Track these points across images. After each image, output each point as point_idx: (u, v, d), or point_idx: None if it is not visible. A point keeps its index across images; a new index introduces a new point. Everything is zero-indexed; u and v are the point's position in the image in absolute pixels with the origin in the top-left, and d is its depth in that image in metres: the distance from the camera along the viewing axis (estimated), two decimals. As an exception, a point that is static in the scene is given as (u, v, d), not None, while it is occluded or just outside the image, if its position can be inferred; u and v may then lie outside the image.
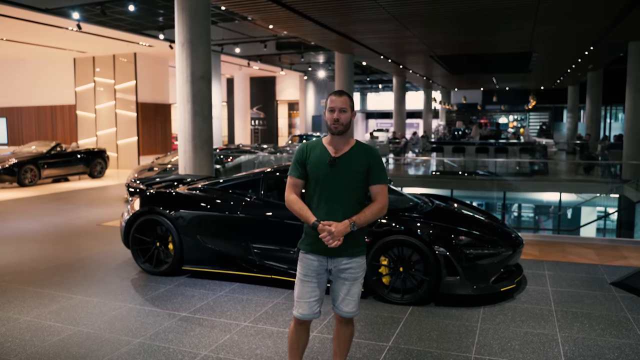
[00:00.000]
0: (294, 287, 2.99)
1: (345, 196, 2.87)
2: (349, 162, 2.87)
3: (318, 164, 2.88)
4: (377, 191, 2.91)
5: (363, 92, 44.98)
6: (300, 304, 2.92)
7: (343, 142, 2.90)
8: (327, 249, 2.84)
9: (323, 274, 2.92)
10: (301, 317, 2.92)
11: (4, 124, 20.72)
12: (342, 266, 2.89)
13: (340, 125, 2.85)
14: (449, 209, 5.66)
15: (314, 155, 2.91)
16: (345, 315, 2.94)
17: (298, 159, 2.94)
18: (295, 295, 2.95)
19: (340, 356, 3.05)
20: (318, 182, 2.88)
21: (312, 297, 2.91)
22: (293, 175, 2.95)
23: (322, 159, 2.88)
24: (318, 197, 2.89)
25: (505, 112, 40.49)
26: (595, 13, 11.12)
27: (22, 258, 6.33)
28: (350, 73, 17.24)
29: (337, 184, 2.86)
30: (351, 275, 2.90)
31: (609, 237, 12.30)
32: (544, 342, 3.90)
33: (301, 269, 2.94)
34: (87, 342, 3.90)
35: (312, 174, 2.90)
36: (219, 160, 11.91)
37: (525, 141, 20.80)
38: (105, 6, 11.80)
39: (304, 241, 2.95)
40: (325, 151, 2.90)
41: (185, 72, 8.64)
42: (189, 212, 5.44)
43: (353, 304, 2.93)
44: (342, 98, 2.87)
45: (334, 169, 2.85)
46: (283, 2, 10.21)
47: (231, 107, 28.25)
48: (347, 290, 2.91)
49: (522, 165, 16.78)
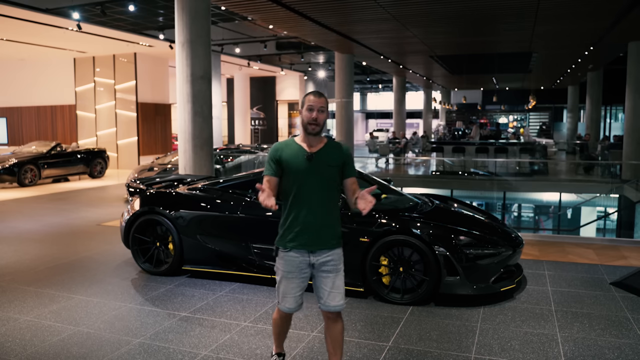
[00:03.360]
0: (277, 283, 3.05)
1: (324, 190, 2.99)
2: (325, 157, 2.98)
3: (295, 160, 2.96)
4: (352, 182, 3.06)
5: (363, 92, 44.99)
6: (287, 299, 3.01)
7: (317, 141, 3.01)
8: (308, 244, 2.94)
9: (306, 268, 3.00)
10: (289, 311, 3.05)
11: (4, 124, 20.73)
12: (323, 259, 2.97)
13: (317, 125, 2.95)
14: (449, 209, 5.66)
15: (289, 152, 2.99)
16: (333, 309, 2.98)
17: (272, 157, 3.01)
18: (280, 291, 3.03)
19: (336, 355, 3.06)
20: (297, 177, 2.95)
21: (298, 291, 3.01)
22: (267, 173, 3.01)
23: (299, 155, 2.97)
24: (296, 192, 2.96)
25: (505, 112, 40.49)
26: (595, 13, 11.12)
27: (22, 258, 6.33)
28: (350, 73, 17.23)
29: (315, 178, 2.96)
30: (334, 267, 2.99)
31: (609, 237, 12.30)
32: (544, 342, 3.90)
33: (284, 267, 3.00)
34: (87, 342, 3.90)
35: (290, 169, 2.96)
36: (219, 160, 11.90)
37: (525, 141, 20.79)
38: (105, 6, 11.81)
39: (283, 239, 3.01)
40: (301, 148, 2.99)
41: (185, 72, 8.64)
42: (189, 212, 5.44)
43: (340, 296, 2.99)
44: (321, 99, 2.97)
45: (312, 164, 2.94)
46: (283, 2, 10.21)
47: (231, 107, 28.25)
48: (332, 283, 2.97)
49: (522, 165, 16.78)
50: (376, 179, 6.12)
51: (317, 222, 2.95)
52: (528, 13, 11.07)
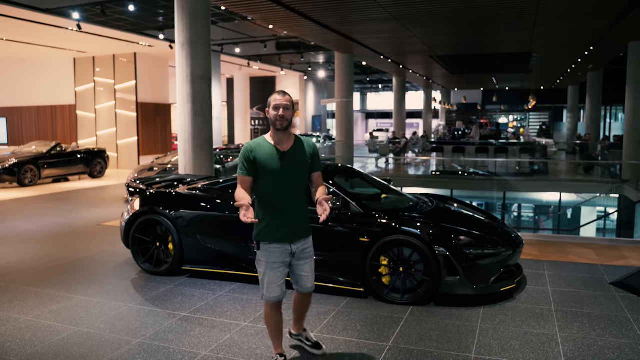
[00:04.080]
0: (262, 275, 3.29)
1: (297, 187, 3.26)
2: (297, 155, 3.23)
3: (269, 160, 3.18)
4: (318, 176, 3.36)
5: (363, 92, 45.00)
6: (272, 288, 3.26)
7: (287, 137, 3.24)
8: (287, 237, 3.23)
9: (287, 258, 3.28)
10: (276, 299, 3.29)
11: (4, 124, 20.73)
12: (302, 247, 3.31)
13: (285, 121, 3.16)
14: (449, 209, 5.65)
15: (262, 152, 3.19)
16: (309, 290, 3.40)
17: (246, 157, 3.19)
18: (266, 282, 3.27)
19: (301, 319, 3.61)
20: (272, 177, 3.18)
21: (281, 279, 3.29)
22: (242, 173, 3.21)
23: (272, 154, 3.19)
24: (272, 191, 3.20)
25: (505, 112, 40.50)
26: (595, 13, 11.12)
27: (22, 258, 6.33)
28: (350, 73, 17.23)
29: (289, 177, 3.21)
30: (309, 254, 3.36)
31: (609, 237, 12.30)
32: (544, 342, 3.90)
33: (268, 258, 3.25)
34: (87, 342, 3.90)
35: (264, 169, 3.18)
36: (219, 160, 11.90)
37: (525, 141, 20.79)
38: (105, 6, 11.81)
39: (263, 233, 3.24)
40: (273, 147, 3.20)
41: (185, 72, 8.64)
42: (189, 212, 5.44)
43: (313, 278, 3.40)
44: (286, 97, 3.20)
45: (286, 163, 3.18)
46: (283, 2, 10.21)
47: (231, 107, 28.25)
48: (310, 267, 3.36)
49: (522, 165, 16.79)
50: (376, 179, 6.12)
51: (293, 216, 3.24)
52: (528, 13, 11.07)
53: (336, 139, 17.82)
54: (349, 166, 6.63)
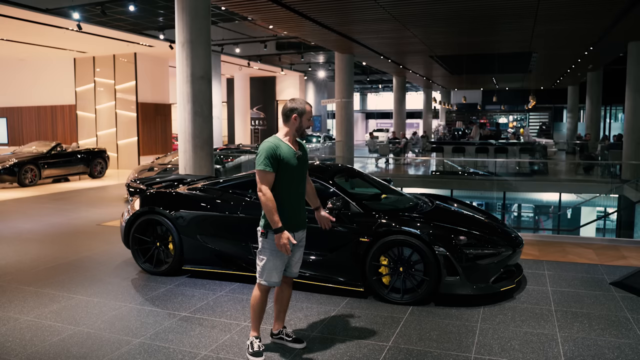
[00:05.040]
0: (264, 262, 3.50)
1: (303, 182, 3.64)
2: (303, 154, 3.62)
3: (290, 158, 3.48)
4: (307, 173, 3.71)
5: (363, 92, 45.01)
6: (274, 274, 3.51)
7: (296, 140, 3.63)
8: (295, 226, 3.55)
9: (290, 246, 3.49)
10: (275, 284, 3.55)
11: (4, 124, 20.73)
12: (301, 236, 3.67)
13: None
14: (449, 209, 5.65)
15: (284, 151, 3.46)
16: (295, 274, 3.71)
17: (272, 154, 3.41)
18: (267, 268, 3.50)
19: (283, 312, 3.79)
20: (290, 173, 3.48)
21: (282, 267, 3.56)
22: (268, 169, 3.41)
23: (291, 153, 3.50)
24: (289, 185, 3.50)
25: (505, 112, 40.47)
26: (595, 13, 11.12)
27: (22, 258, 6.33)
28: (350, 73, 17.23)
29: (302, 174, 3.61)
30: (304, 243, 3.73)
31: (609, 237, 12.31)
32: (543, 342, 3.90)
33: (274, 246, 3.45)
34: (87, 342, 3.91)
35: (287, 166, 3.45)
36: (219, 160, 11.91)
37: (525, 141, 20.79)
38: (105, 6, 11.81)
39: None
40: (290, 147, 3.52)
41: (185, 72, 8.64)
42: (189, 212, 5.44)
43: (299, 265, 3.73)
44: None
45: (299, 162, 3.54)
46: (283, 2, 10.22)
47: (231, 107, 28.24)
48: (300, 254, 3.71)
49: (522, 165, 16.78)
50: (376, 179, 6.12)
51: (300, 209, 3.61)
52: (528, 13, 11.07)
53: (336, 139, 17.82)
54: (349, 166, 6.63)
